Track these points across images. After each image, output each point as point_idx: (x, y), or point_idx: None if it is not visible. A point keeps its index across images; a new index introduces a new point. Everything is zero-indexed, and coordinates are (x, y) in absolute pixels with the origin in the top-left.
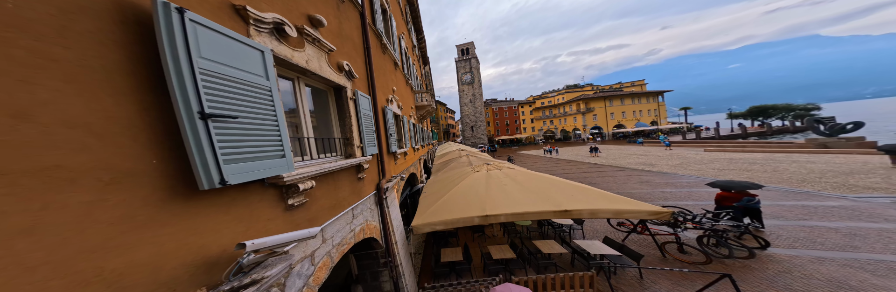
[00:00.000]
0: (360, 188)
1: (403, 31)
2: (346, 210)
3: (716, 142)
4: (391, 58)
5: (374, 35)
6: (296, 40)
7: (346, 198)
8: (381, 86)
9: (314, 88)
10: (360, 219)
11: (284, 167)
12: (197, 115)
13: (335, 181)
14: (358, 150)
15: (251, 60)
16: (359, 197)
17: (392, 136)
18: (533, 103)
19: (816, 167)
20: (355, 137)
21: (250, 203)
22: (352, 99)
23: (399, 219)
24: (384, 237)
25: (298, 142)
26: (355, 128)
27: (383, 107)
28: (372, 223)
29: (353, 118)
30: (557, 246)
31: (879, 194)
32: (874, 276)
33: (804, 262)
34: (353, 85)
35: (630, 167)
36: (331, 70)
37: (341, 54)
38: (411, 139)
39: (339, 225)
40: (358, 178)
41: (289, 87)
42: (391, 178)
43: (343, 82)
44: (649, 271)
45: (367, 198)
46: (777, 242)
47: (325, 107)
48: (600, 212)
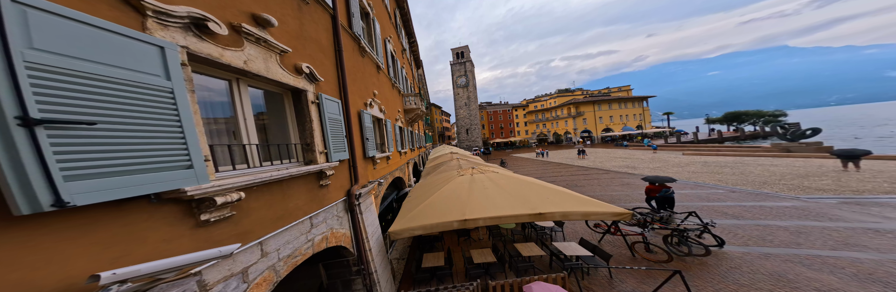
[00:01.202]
0: (323, 195)
1: (390, 35)
2: (300, 219)
3: (694, 146)
4: (372, 61)
5: (351, 38)
6: (228, 39)
7: (302, 207)
8: (356, 89)
9: (267, 91)
10: (323, 227)
11: (190, 179)
12: (15, 122)
13: (284, 190)
14: (321, 156)
15: (140, 57)
16: (321, 204)
17: (369, 141)
18: (526, 107)
19: (778, 170)
20: (318, 143)
21: (129, 223)
22: (314, 103)
23: (376, 224)
24: (356, 244)
25: (230, 149)
26: (318, 133)
27: (359, 111)
28: (340, 230)
29: (316, 123)
30: (537, 248)
31: (828, 195)
32: (809, 270)
33: (753, 258)
34: (316, 88)
35: (614, 170)
36: (284, 72)
37: (302, 56)
38: (396, 143)
39: (288, 237)
40: (320, 185)
41: (224, 89)
42: (367, 184)
43: (302, 85)
44: (618, 270)
45: (334, 206)
46: (733, 240)
47: (280, 112)
48: (571, 214)
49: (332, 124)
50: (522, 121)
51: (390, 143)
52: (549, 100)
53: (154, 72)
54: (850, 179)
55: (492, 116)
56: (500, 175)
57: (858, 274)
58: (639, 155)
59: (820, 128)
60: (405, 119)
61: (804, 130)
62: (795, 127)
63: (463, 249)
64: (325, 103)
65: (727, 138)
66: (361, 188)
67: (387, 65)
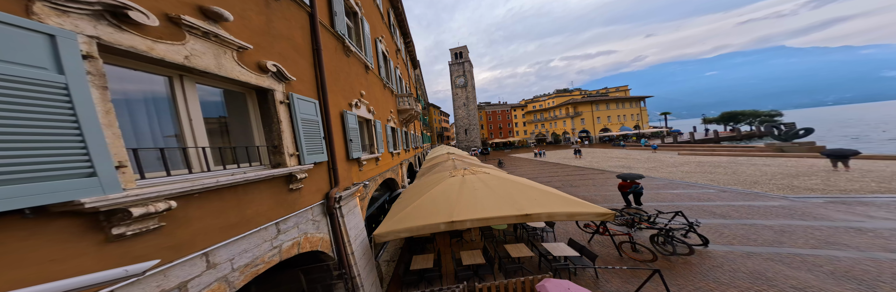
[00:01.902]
0: (294, 200)
1: (382, 34)
2: (262, 226)
3: (690, 146)
4: (360, 61)
5: (334, 37)
6: (162, 31)
7: (265, 213)
8: (339, 89)
9: (227, 90)
10: (294, 232)
11: (91, 189)
12: None
13: (240, 196)
14: (291, 159)
15: (20, 46)
16: (291, 209)
17: (353, 142)
18: (525, 107)
19: (770, 170)
20: (287, 144)
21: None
22: (283, 103)
23: (360, 227)
24: (336, 248)
25: (162, 153)
26: (288, 134)
27: (342, 112)
28: (316, 235)
29: (285, 124)
30: (526, 249)
31: (815, 195)
32: (788, 268)
33: (735, 257)
34: (287, 87)
35: (610, 170)
36: (243, 70)
37: (268, 54)
38: (387, 144)
39: (246, 245)
40: (289, 189)
41: (163, 86)
42: (350, 186)
43: (267, 84)
44: (604, 270)
45: (308, 210)
46: (718, 239)
47: (242, 112)
48: (557, 215)
49: (307, 125)
50: (521, 122)
51: (380, 144)
52: (548, 100)
53: (39, 64)
54: (839, 179)
55: (491, 116)
56: (491, 176)
57: (835, 271)
58: (635, 155)
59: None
60: (399, 120)
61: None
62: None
63: (453, 251)
64: (297, 103)
65: (723, 138)
66: (343, 191)
67: (377, 65)
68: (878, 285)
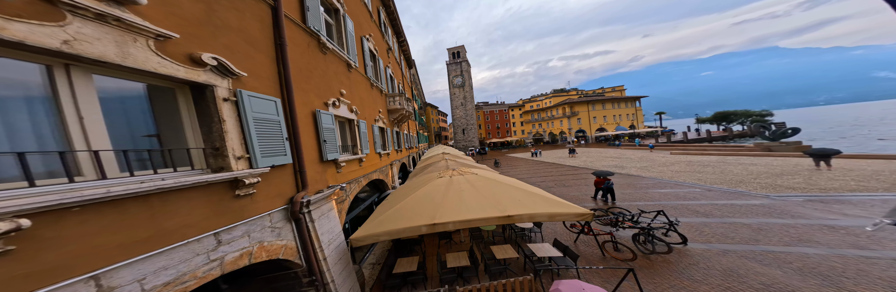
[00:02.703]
0: (243, 206)
1: (371, 33)
2: (192, 238)
3: (682, 145)
4: (341, 59)
5: (306, 33)
6: (26, 7)
7: (196, 224)
8: (312, 87)
9: (150, 85)
10: (243, 242)
11: None
12: None
13: (152, 207)
14: (238, 162)
15: None
16: (237, 217)
17: (328, 143)
18: (523, 107)
19: (756, 169)
20: (234, 146)
21: None
22: (228, 100)
23: (336, 232)
24: (304, 255)
25: (21, 158)
26: (235, 135)
27: (315, 111)
28: (276, 243)
29: (230, 123)
30: (512, 250)
31: (796, 193)
32: (760, 265)
33: (712, 255)
34: (235, 84)
35: (603, 169)
36: (166, 61)
37: (208, 46)
38: (374, 144)
39: (166, 261)
40: (235, 196)
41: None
42: (324, 189)
43: (205, 79)
44: (586, 270)
45: (264, 217)
46: (698, 238)
47: (171, 110)
48: (538, 215)
49: (263, 125)
50: (519, 121)
51: (365, 145)
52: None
53: None
54: (821, 178)
55: (488, 116)
56: (479, 176)
57: (803, 268)
58: (629, 154)
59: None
60: (389, 119)
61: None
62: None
63: (441, 253)
64: (248, 101)
65: (716, 138)
66: (315, 194)
67: (363, 64)
68: (841, 281)
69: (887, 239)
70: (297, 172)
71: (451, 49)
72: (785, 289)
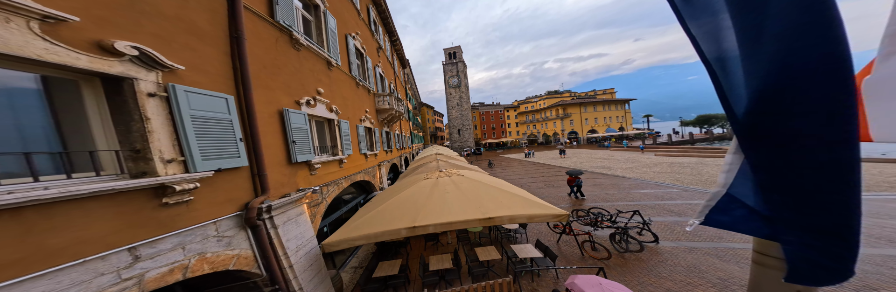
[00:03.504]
0: (174, 215)
1: (358, 31)
2: (93, 256)
3: (666, 147)
4: (318, 56)
5: (275, 28)
6: None
7: (99, 239)
8: (279, 85)
9: (45, 77)
10: (174, 255)
11: None
12: None
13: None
14: (168, 166)
15: None
16: (165, 228)
17: (299, 144)
18: (518, 108)
19: None
20: (161, 148)
21: None
22: (156, 95)
23: (306, 237)
24: (265, 263)
25: None
26: (164, 135)
27: (282, 110)
28: (225, 253)
29: (157, 122)
30: (495, 252)
31: None
32: (720, 261)
33: (679, 252)
34: (168, 77)
35: (591, 170)
36: (57, 47)
37: (129, 33)
38: (359, 145)
39: (45, 286)
40: (162, 204)
41: None
42: (291, 193)
43: (122, 71)
44: (563, 270)
45: (207, 225)
46: (669, 236)
47: (74, 107)
48: (517, 217)
49: (206, 125)
50: (514, 122)
51: (347, 145)
52: (540, 101)
53: None
54: None
55: (484, 117)
56: (465, 178)
57: None
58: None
59: None
60: (377, 120)
61: None
62: None
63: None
64: (184, 97)
65: (698, 140)
66: (280, 198)
67: (347, 62)
68: None
69: None
70: (255, 176)
71: (448, 49)
72: (739, 283)
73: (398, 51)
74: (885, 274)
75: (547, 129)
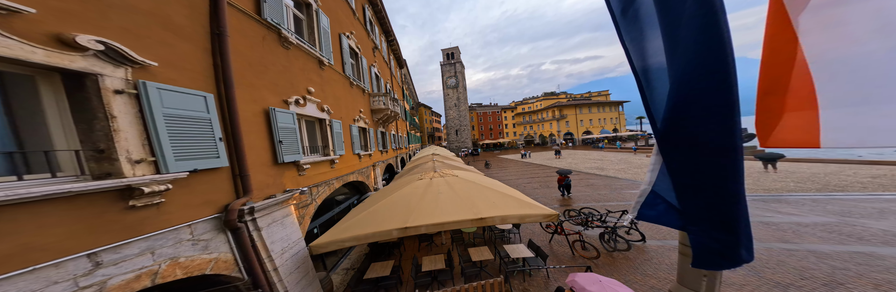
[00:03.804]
0: (143, 219)
1: (352, 30)
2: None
3: None
4: (309, 55)
5: (263, 25)
6: None
7: (55, 245)
8: (266, 84)
9: None
10: (142, 261)
11: None
12: None
13: None
14: (136, 167)
15: None
16: (131, 232)
17: (285, 144)
18: (515, 109)
19: None
20: (128, 148)
21: None
22: (124, 92)
23: (293, 239)
24: (246, 267)
25: None
26: (133, 134)
27: (268, 109)
28: (201, 257)
29: (126, 120)
30: (488, 252)
31: None
32: None
33: (664, 251)
34: (135, 74)
35: (585, 171)
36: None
37: (96, 27)
38: (352, 145)
39: None
40: (129, 207)
41: None
42: (276, 194)
43: (86, 66)
44: (554, 269)
45: (180, 229)
46: (656, 235)
47: (30, 103)
48: (509, 217)
49: (182, 123)
50: (511, 123)
51: (339, 145)
52: (536, 102)
53: None
54: (767, 179)
55: (481, 117)
56: (459, 178)
57: None
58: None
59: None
60: (372, 120)
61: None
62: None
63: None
64: (157, 95)
65: None
66: (264, 200)
67: (341, 61)
68: (763, 270)
69: (808, 234)
70: (237, 176)
71: (446, 50)
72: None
73: (395, 51)
74: (852, 270)
75: (543, 130)
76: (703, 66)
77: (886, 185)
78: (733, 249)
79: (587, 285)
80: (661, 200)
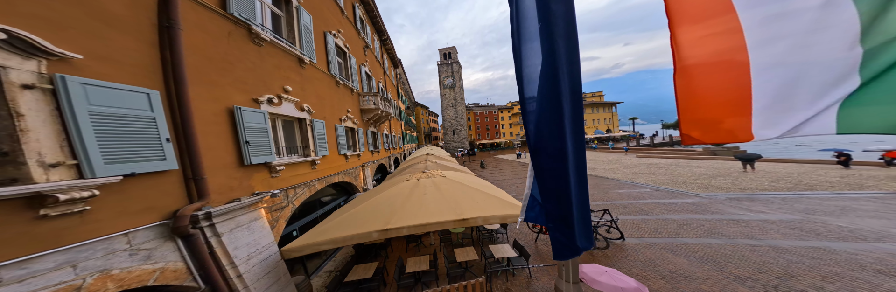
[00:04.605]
0: (62, 229)
1: (339, 28)
2: None
3: (647, 149)
4: (287, 53)
5: (227, 20)
6: None
7: None
8: (232, 81)
9: None
10: (59, 275)
11: None
12: None
13: None
14: (47, 171)
15: None
16: (44, 244)
17: (252, 145)
18: (512, 109)
19: (699, 171)
20: (42, 150)
21: None
22: (35, 87)
23: (263, 243)
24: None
25: None
26: (48, 134)
27: (233, 108)
28: (140, 268)
29: (35, 119)
30: (473, 252)
31: (722, 193)
32: (672, 255)
33: (640, 248)
34: (52, 67)
35: None
36: None
37: (8, 15)
38: (338, 145)
39: None
40: (39, 216)
41: None
42: (241, 198)
43: None
44: (536, 268)
45: (116, 238)
46: (635, 233)
47: None
48: (491, 218)
49: (113, 123)
50: (508, 123)
51: (322, 146)
52: None
53: None
54: (744, 179)
55: (478, 117)
56: (446, 179)
57: (703, 256)
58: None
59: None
60: (362, 119)
61: None
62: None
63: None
64: (79, 90)
65: (677, 142)
66: (227, 204)
67: (325, 60)
68: (727, 265)
69: (772, 230)
70: (190, 180)
71: (443, 49)
72: (684, 275)
73: (389, 50)
74: (805, 264)
75: None
76: (544, 75)
77: (852, 184)
78: (573, 241)
79: (596, 275)
80: (536, 202)
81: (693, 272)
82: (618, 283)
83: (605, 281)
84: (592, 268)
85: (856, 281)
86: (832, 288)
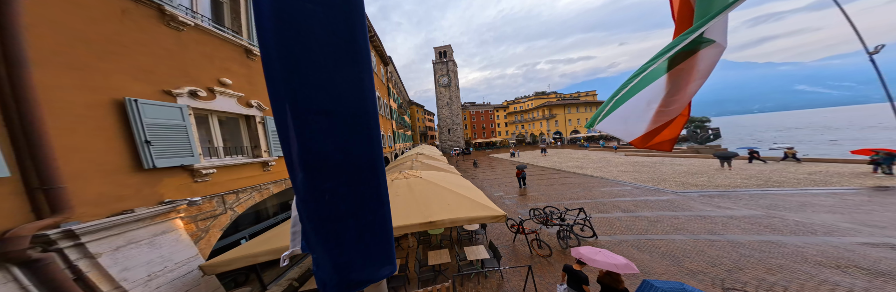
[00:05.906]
0: None
1: None
2: None
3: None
4: (227, 42)
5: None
6: None
7: None
8: (125, 68)
9: None
10: None
11: None
12: None
13: None
14: None
15: None
16: None
17: (154, 144)
18: (507, 108)
19: (680, 169)
20: None
21: None
22: None
23: (175, 261)
24: None
25: None
26: None
27: (125, 100)
28: None
29: None
30: (446, 255)
31: (697, 190)
32: (638, 251)
33: (610, 246)
34: None
35: (566, 170)
36: None
37: None
38: None
39: None
40: None
41: None
42: (133, 210)
43: None
44: (508, 269)
45: None
46: (608, 230)
47: None
48: (459, 220)
49: None
50: (503, 122)
51: (278, 146)
52: (528, 101)
53: None
54: (720, 176)
55: (474, 116)
56: (421, 180)
57: (666, 252)
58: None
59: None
60: None
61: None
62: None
63: None
64: None
65: None
66: (105, 218)
67: None
68: (684, 260)
69: (733, 226)
70: (34, 190)
71: (438, 48)
72: (644, 270)
73: (377, 47)
74: (754, 257)
75: (534, 129)
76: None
77: (818, 181)
78: (323, 260)
79: (592, 255)
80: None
81: (653, 268)
82: (611, 260)
83: (600, 259)
84: (588, 250)
85: (795, 273)
86: (772, 280)
